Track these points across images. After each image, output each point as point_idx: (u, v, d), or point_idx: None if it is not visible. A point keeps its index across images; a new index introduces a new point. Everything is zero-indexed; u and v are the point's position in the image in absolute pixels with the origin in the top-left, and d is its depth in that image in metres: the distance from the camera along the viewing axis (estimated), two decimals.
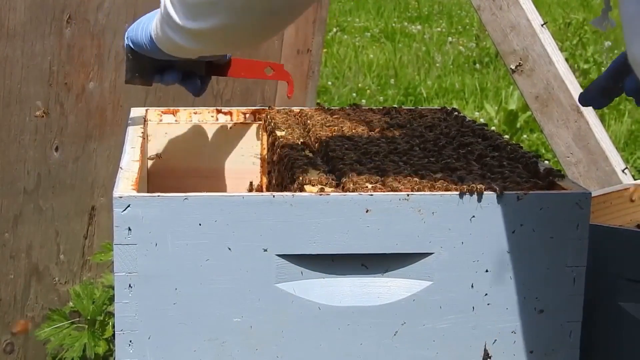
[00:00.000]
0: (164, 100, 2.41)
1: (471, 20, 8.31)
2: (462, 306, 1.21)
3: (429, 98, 5.85)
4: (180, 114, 1.70)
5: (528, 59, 2.40)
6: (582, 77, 5.79)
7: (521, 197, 1.19)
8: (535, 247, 1.20)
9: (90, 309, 2.26)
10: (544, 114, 2.41)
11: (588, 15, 8.39)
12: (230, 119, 1.72)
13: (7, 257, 2.33)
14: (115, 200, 1.14)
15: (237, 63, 1.61)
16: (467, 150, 1.42)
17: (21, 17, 2.20)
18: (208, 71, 1.57)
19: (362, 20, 8.35)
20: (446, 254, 1.19)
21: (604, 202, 1.67)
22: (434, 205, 1.18)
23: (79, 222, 2.41)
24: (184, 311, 1.17)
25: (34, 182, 2.31)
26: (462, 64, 6.82)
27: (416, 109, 1.71)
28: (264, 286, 1.17)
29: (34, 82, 2.25)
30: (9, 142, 2.26)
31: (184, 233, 1.15)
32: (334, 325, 1.20)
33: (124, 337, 1.17)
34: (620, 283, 1.33)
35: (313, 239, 1.17)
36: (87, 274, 2.46)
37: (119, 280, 1.16)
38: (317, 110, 1.68)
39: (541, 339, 1.23)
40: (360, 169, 1.28)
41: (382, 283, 1.20)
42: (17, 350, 2.40)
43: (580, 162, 2.38)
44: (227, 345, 1.19)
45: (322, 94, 5.73)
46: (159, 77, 1.51)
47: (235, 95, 2.52)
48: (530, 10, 2.43)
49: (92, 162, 2.39)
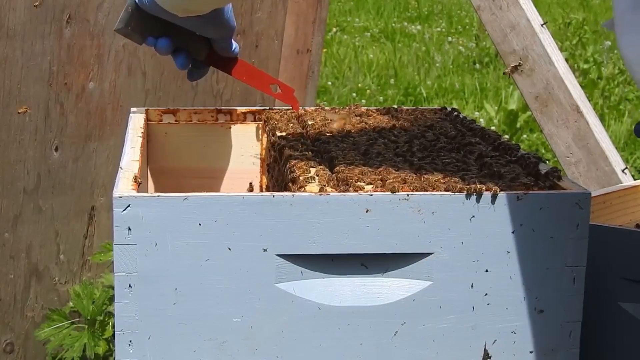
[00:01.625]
0: (163, 100, 2.41)
1: (471, 20, 8.31)
2: (462, 306, 1.21)
3: (429, 98, 5.85)
4: (180, 114, 1.70)
5: (528, 59, 2.40)
6: (582, 77, 5.79)
7: (521, 197, 1.19)
8: (535, 247, 1.20)
9: (90, 309, 2.26)
10: (544, 114, 2.41)
11: (588, 15, 8.39)
12: (230, 119, 1.72)
13: (7, 257, 2.33)
14: (115, 200, 1.14)
15: (244, 65, 1.60)
16: (467, 150, 1.42)
17: (21, 17, 2.20)
18: (210, 60, 1.56)
19: (362, 20, 8.35)
20: (446, 254, 1.19)
21: (603, 202, 1.67)
22: (434, 205, 1.18)
23: (79, 222, 2.41)
24: (184, 311, 1.17)
25: (33, 182, 2.31)
26: (462, 64, 6.82)
27: (416, 109, 1.71)
28: (264, 286, 1.17)
29: (34, 82, 2.25)
30: (8, 142, 2.26)
31: (184, 233, 1.15)
32: (334, 325, 1.20)
33: (124, 337, 1.17)
34: (620, 283, 1.33)
35: (313, 238, 1.17)
36: (87, 274, 2.46)
37: (118, 280, 1.16)
38: (316, 110, 1.68)
39: (541, 339, 1.23)
40: (360, 169, 1.28)
41: (382, 283, 1.20)
42: (17, 350, 2.40)
43: (580, 162, 2.38)
44: (227, 345, 1.19)
45: (322, 94, 5.73)
46: (152, 41, 1.51)
47: (235, 95, 2.52)
48: (530, 10, 2.43)
49: (92, 162, 2.39)
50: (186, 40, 1.52)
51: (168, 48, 1.51)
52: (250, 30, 2.54)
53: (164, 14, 1.45)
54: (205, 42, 1.54)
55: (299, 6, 2.61)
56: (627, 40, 0.85)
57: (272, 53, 2.59)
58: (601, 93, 5.71)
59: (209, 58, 1.56)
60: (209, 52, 1.55)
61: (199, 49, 1.53)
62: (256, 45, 2.57)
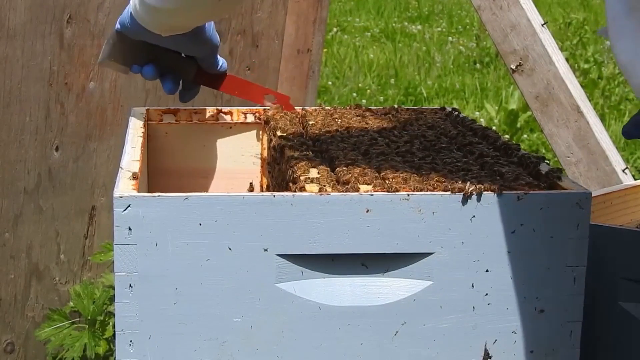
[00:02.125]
0: (164, 100, 2.41)
1: (471, 20, 8.31)
2: (462, 306, 1.21)
3: (429, 98, 5.85)
4: (181, 114, 1.70)
5: (528, 58, 2.40)
6: (583, 77, 5.79)
7: (521, 197, 1.19)
8: (536, 247, 1.20)
9: (90, 309, 2.26)
10: (544, 113, 2.41)
11: (588, 15, 8.39)
12: (231, 118, 1.72)
13: (7, 257, 2.33)
14: (116, 200, 1.14)
15: (234, 80, 1.62)
16: (467, 150, 1.42)
17: (21, 17, 2.20)
18: (199, 79, 1.58)
19: (363, 20, 8.35)
20: (446, 253, 1.19)
21: (604, 202, 1.67)
22: (434, 205, 1.18)
23: (79, 222, 2.41)
24: (184, 311, 1.17)
25: (34, 182, 2.31)
26: (462, 63, 6.82)
27: (416, 109, 1.71)
28: (264, 286, 1.18)
29: (34, 82, 2.25)
30: (9, 142, 2.26)
31: (184, 233, 1.15)
32: (334, 325, 1.20)
33: (124, 337, 1.17)
34: (620, 283, 1.33)
35: (313, 238, 1.17)
36: (87, 273, 2.46)
37: (119, 280, 1.16)
38: (317, 110, 1.68)
39: (541, 338, 1.23)
40: (360, 169, 1.28)
41: (383, 283, 1.20)
42: (18, 350, 2.40)
43: (581, 162, 2.38)
44: (227, 345, 1.19)
45: (323, 94, 5.73)
46: (137, 69, 1.53)
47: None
48: (531, 10, 2.43)
49: (92, 162, 2.39)
50: (172, 62, 1.53)
51: (154, 74, 1.53)
52: (250, 30, 2.54)
53: (147, 35, 1.47)
54: (192, 62, 1.55)
55: (299, 6, 2.62)
56: (622, 45, 0.84)
57: (273, 53, 2.59)
58: (602, 93, 5.71)
59: (197, 77, 1.57)
60: (197, 72, 1.56)
61: (186, 69, 1.55)
62: (256, 45, 2.57)
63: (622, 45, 0.84)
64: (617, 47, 0.85)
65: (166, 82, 1.55)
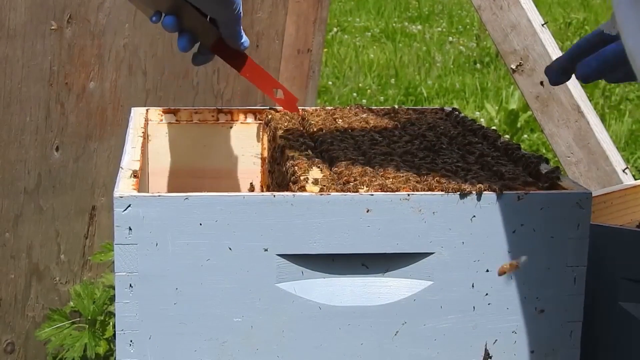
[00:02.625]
0: (164, 100, 2.41)
1: (472, 20, 8.31)
2: (462, 306, 1.21)
3: (429, 98, 5.85)
4: (181, 114, 1.70)
5: (528, 58, 2.40)
6: None
7: (521, 197, 1.19)
8: (536, 247, 1.20)
9: (90, 309, 2.26)
10: (545, 113, 2.41)
11: (588, 15, 8.39)
12: (231, 118, 1.72)
13: (7, 257, 2.33)
14: (116, 199, 1.14)
15: (250, 63, 1.59)
16: (467, 150, 1.42)
17: (21, 17, 2.20)
18: (217, 49, 1.54)
19: (363, 20, 8.35)
20: (447, 253, 1.19)
21: (604, 202, 1.67)
22: (435, 205, 1.18)
23: (80, 222, 2.41)
24: (184, 311, 1.17)
25: (34, 182, 2.31)
26: (462, 63, 6.82)
27: (417, 109, 1.71)
28: (265, 286, 1.18)
29: (35, 82, 2.25)
30: (9, 142, 2.26)
31: (184, 233, 1.15)
32: (334, 325, 1.20)
33: (124, 337, 1.17)
34: (621, 283, 1.33)
35: (313, 238, 1.17)
36: (87, 273, 2.46)
37: (119, 280, 1.16)
38: (317, 110, 1.68)
39: (542, 338, 1.23)
40: (360, 169, 1.28)
41: (383, 283, 1.20)
42: (18, 350, 2.41)
43: (581, 162, 2.38)
44: (227, 345, 1.19)
45: (323, 94, 5.73)
46: (158, 18, 1.49)
47: (235, 95, 2.52)
48: (531, 9, 2.43)
49: (92, 162, 2.39)
50: (195, 22, 1.50)
51: (174, 26, 1.48)
52: (250, 30, 2.54)
53: None
54: (214, 29, 1.53)
55: (299, 6, 2.62)
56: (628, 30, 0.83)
57: (273, 53, 2.59)
58: (602, 93, 5.71)
59: (216, 46, 1.54)
60: (217, 40, 1.54)
61: (207, 33, 1.52)
62: (257, 45, 2.57)
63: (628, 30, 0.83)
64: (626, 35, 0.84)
65: (182, 39, 1.51)
